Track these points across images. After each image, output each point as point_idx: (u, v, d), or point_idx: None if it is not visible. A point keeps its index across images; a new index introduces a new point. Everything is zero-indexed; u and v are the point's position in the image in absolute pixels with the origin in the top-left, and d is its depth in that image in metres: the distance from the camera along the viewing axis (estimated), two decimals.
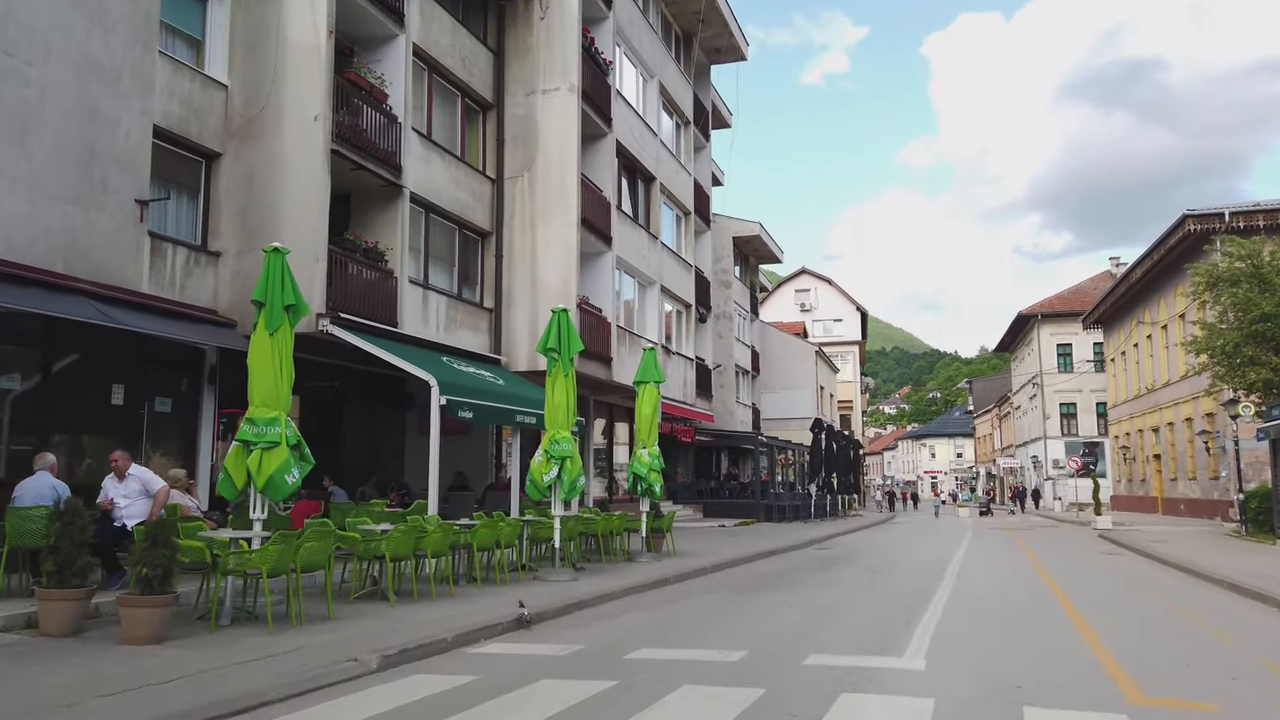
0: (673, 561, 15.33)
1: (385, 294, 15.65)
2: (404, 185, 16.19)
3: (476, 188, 18.86)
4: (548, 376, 12.79)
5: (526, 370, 18.84)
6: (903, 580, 13.72)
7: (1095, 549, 21.58)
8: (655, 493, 15.81)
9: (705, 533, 24.41)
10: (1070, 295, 60.28)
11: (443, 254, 18.19)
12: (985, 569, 16.10)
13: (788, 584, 13.06)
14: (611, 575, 12.99)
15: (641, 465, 15.71)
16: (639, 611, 10.17)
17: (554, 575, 12.29)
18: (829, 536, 25.27)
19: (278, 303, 9.54)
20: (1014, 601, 11.33)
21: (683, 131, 28.25)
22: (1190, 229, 33.28)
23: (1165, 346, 40.50)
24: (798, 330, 55.23)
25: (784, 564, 16.71)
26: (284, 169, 14.36)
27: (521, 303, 18.98)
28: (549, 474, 12.32)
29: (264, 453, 9.20)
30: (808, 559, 18.03)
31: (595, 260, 20.97)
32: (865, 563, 17.04)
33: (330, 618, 8.52)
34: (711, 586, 12.74)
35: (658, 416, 16.03)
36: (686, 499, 33.64)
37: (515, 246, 19.27)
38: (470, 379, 15.17)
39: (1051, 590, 12.46)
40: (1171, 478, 40.21)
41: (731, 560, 16.30)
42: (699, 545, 19.40)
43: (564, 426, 12.55)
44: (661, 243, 24.81)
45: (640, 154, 23.41)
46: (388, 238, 16.05)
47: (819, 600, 11.19)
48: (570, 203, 19.04)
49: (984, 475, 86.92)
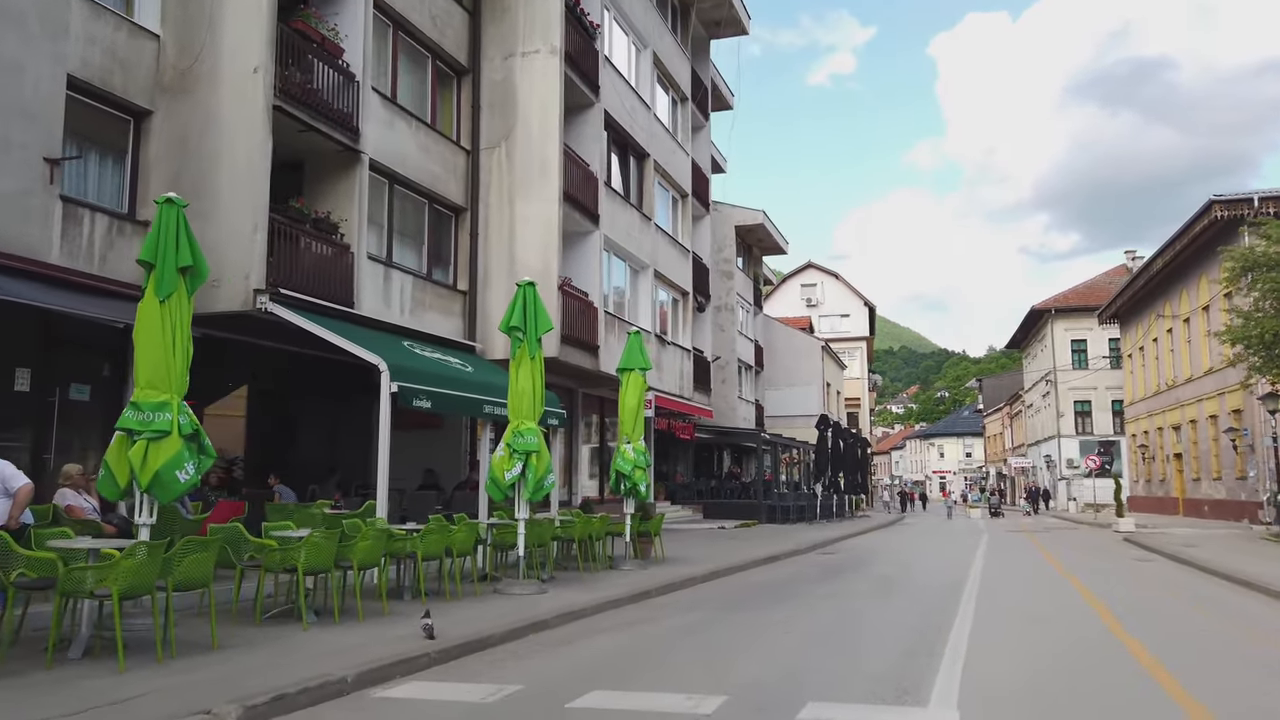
0: (659, 570, 13.69)
1: (340, 271, 14.04)
2: (362, 151, 14.58)
3: (449, 159, 17.24)
4: (511, 359, 11.16)
5: (504, 358, 17.14)
6: (918, 594, 12.05)
7: (1123, 555, 19.87)
8: (640, 493, 14.19)
9: (703, 535, 22.77)
10: (1085, 290, 58.46)
11: (410, 230, 16.58)
12: (1010, 579, 14.41)
13: (786, 598, 11.41)
14: (585, 587, 11.36)
15: (625, 462, 14.08)
16: (606, 635, 8.54)
17: (517, 587, 10.66)
18: (835, 540, 23.60)
19: (170, 264, 7.93)
20: (1051, 620, 9.66)
21: (679, 108, 26.56)
22: (1217, 215, 31.52)
23: (1187, 340, 38.71)
24: (803, 325, 53.50)
25: (785, 572, 15.06)
26: (220, 128, 12.78)
27: (498, 284, 17.35)
28: (511, 471, 10.69)
29: (150, 444, 7.61)
30: (811, 566, 16.38)
31: (581, 240, 19.33)
32: (875, 571, 15.38)
33: (214, 646, 6.90)
34: (699, 601, 11.09)
35: (644, 408, 14.39)
36: (685, 499, 32.06)
37: (492, 223, 17.64)
38: (432, 365, 13.56)
39: (1091, 606, 10.78)
40: (1194, 478, 38.41)
41: (726, 568, 14.66)
42: (693, 550, 17.75)
43: (529, 417, 10.92)
44: (655, 225, 23.15)
45: (632, 128, 21.76)
46: (344, 209, 14.45)
47: (822, 620, 9.53)
48: (551, 175, 17.40)
49: (994, 475, 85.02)
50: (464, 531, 10.42)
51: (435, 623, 7.88)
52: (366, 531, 8.60)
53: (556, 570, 13.22)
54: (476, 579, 10.95)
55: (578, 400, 21.84)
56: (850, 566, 16.24)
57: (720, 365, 37.06)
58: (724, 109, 33.66)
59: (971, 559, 18.23)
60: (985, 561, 17.53)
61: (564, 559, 14.03)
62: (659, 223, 23.61)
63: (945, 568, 16.30)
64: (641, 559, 14.91)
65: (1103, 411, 55.83)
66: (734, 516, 30.21)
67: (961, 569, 15.80)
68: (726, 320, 37.45)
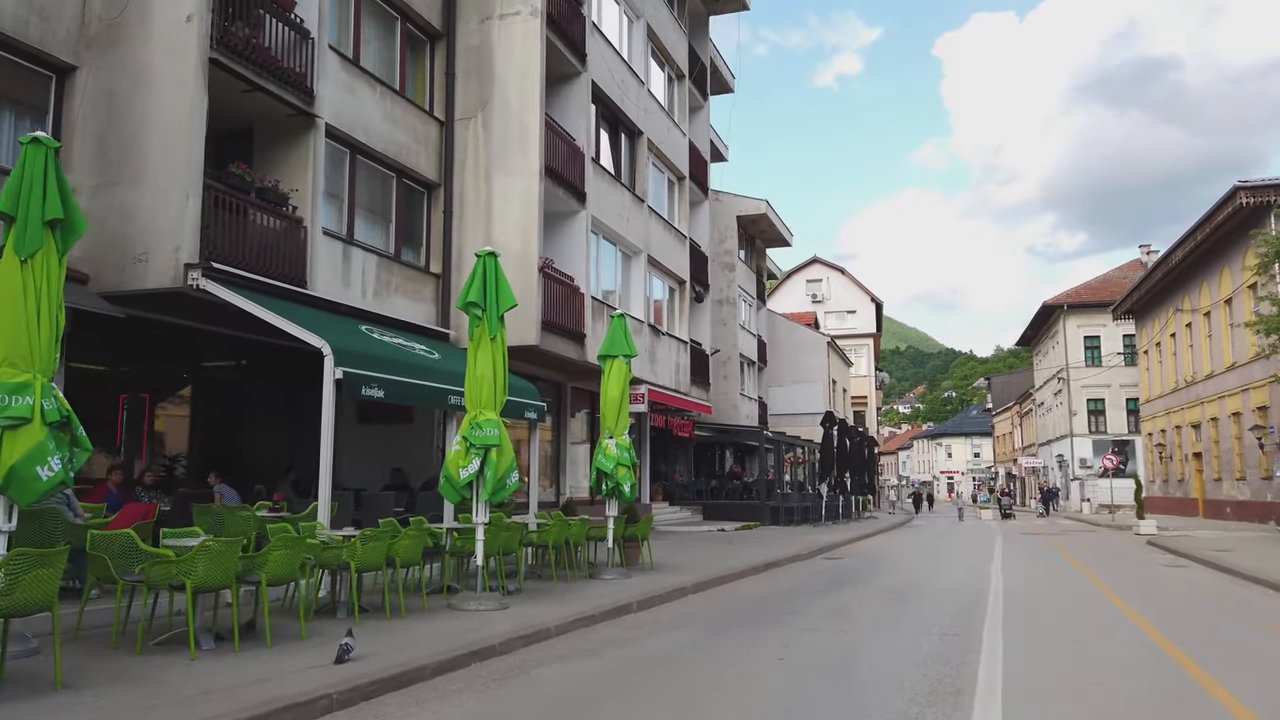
0: (644, 579, 12.28)
1: (291, 247, 12.65)
2: (317, 115, 13.20)
3: (420, 130, 15.84)
4: (470, 340, 9.74)
5: None
6: (935, 610, 10.60)
7: (1151, 560, 18.38)
8: (624, 493, 12.75)
9: (699, 539, 21.36)
10: (1098, 285, 56.89)
11: (376, 206, 15.18)
12: (1036, 591, 12.95)
13: (785, 615, 9.98)
14: (556, 601, 9.95)
15: (606, 459, 12.65)
16: (564, 665, 7.12)
17: (474, 602, 9.26)
18: (841, 543, 22.15)
19: (35, 216, 6.56)
20: (1099, 649, 8.20)
21: (676, 86, 25.11)
22: (1242, 202, 29.99)
23: (1208, 335, 37.16)
24: (808, 321, 52.00)
25: (784, 581, 13.63)
26: (150, 84, 11.40)
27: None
28: (467, 468, 9.28)
29: (5, 434, 6.26)
30: (814, 574, 14.94)
31: (566, 221, 17.92)
32: (884, 581, 13.93)
33: (58, 686, 5.51)
34: (684, 618, 9.67)
35: (628, 399, 12.97)
36: (685, 500, 30.70)
37: (467, 200, 16.24)
38: (390, 350, 12.15)
39: (1140, 627, 9.33)
40: (1215, 478, 36.85)
41: (720, 576, 13.24)
42: (686, 556, 16.34)
43: (489, 406, 9.51)
44: (649, 207, 21.71)
45: (623, 102, 20.32)
46: (297, 179, 13.07)
47: (824, 646, 8.10)
48: (532, 147, 15.99)
49: (1003, 475, 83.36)
50: (410, 538, 9.02)
51: (360, 648, 6.51)
52: (279, 539, 7.19)
53: (530, 580, 11.82)
54: (425, 593, 9.52)
55: (566, 394, 20.45)
56: (857, 575, 14.80)
57: (722, 361, 35.67)
58: (724, 92, 32.20)
59: (989, 566, 16.77)
60: (1005, 569, 16.07)
61: (538, 567, 12.64)
62: (653, 206, 22.18)
63: (962, 577, 14.85)
64: (626, 567, 13.51)
65: (1117, 410, 54.23)
66: (735, 518, 28.84)
67: (980, 578, 14.35)
68: (728, 314, 36.04)
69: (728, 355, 35.89)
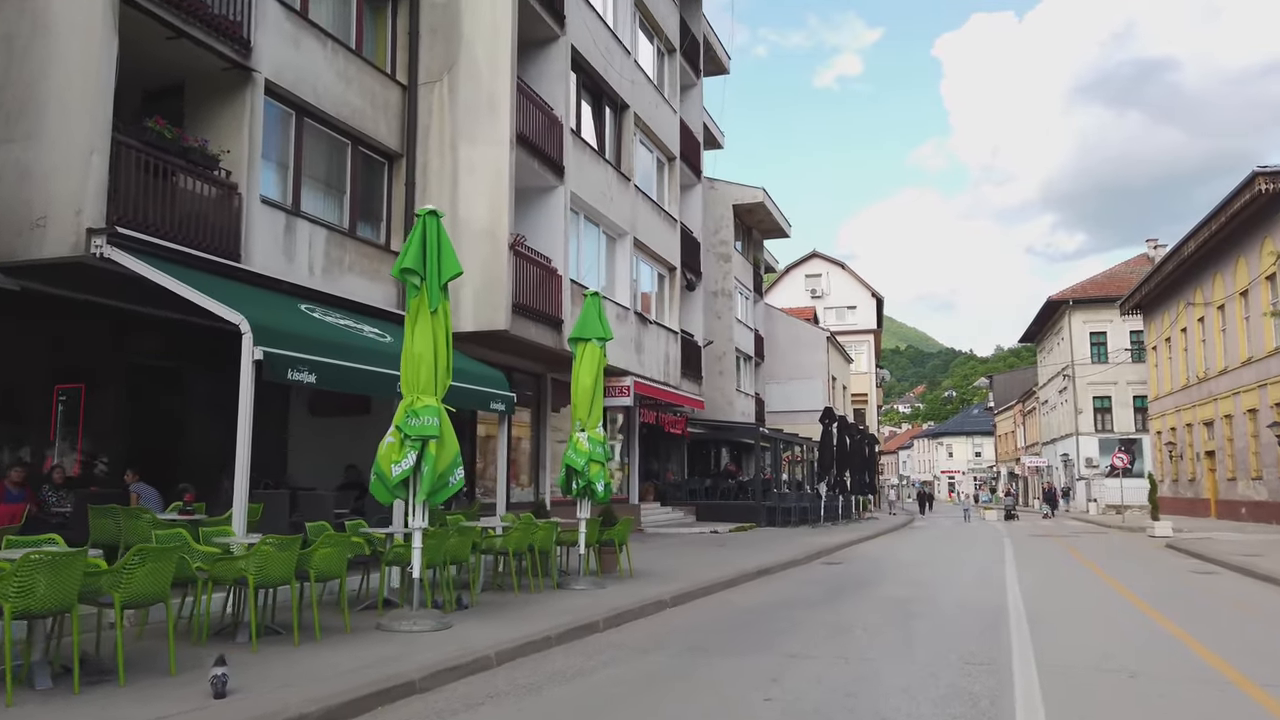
0: (620, 590, 10.87)
1: (222, 216, 11.23)
2: (255, 70, 11.77)
3: (379, 93, 14.42)
4: (406, 313, 8.32)
5: None
6: (950, 629, 9.19)
7: (1176, 566, 16.98)
8: (597, 493, 11.34)
9: (690, 542, 19.97)
10: (1104, 280, 55.51)
11: (328, 175, 13.76)
12: (1061, 602, 11.53)
13: (775, 634, 8.57)
14: (508, 619, 8.54)
15: (577, 455, 11.24)
16: (493, 707, 5.71)
17: (407, 621, 7.85)
18: (840, 546, 20.75)
19: None
20: (1151, 678, 6.79)
21: (666, 60, 23.66)
22: (1261, 189, 28.60)
23: (1221, 329, 35.78)
24: (808, 316, 50.58)
25: (778, 591, 12.21)
26: (52, 28, 9.98)
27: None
28: (401, 464, 7.87)
29: None
30: (812, 582, 13.53)
31: (542, 197, 16.51)
32: (889, 590, 12.52)
33: None
34: (656, 639, 8.25)
35: (601, 388, 11.56)
36: (677, 500, 29.33)
37: (431, 171, 14.82)
38: (329, 331, 10.72)
39: (1189, 647, 7.92)
40: (1229, 477, 35.44)
41: (706, 586, 11.83)
42: (672, 561, 14.94)
43: (428, 391, 8.09)
44: (636, 187, 20.28)
45: (607, 72, 18.88)
46: (231, 141, 11.65)
47: (820, 677, 6.69)
48: (502, 113, 14.57)
49: (1005, 475, 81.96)
50: (331, 546, 7.59)
51: (239, 679, 5.14)
52: (139, 550, 5.76)
53: (489, 593, 10.42)
54: (347, 611, 8.09)
55: (546, 386, 19.04)
56: (858, 583, 13.39)
57: (717, 355, 34.30)
58: (719, 73, 30.74)
59: (1003, 572, 15.36)
60: (1021, 576, 14.65)
61: (499, 576, 11.22)
62: (640, 186, 20.75)
63: (974, 585, 13.44)
64: (600, 575, 12.11)
65: (1124, 408, 52.82)
66: (730, 519, 27.48)
67: (995, 587, 12.94)
68: (723, 306, 34.67)
69: (723, 349, 34.50)
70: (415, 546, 8.10)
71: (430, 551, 8.68)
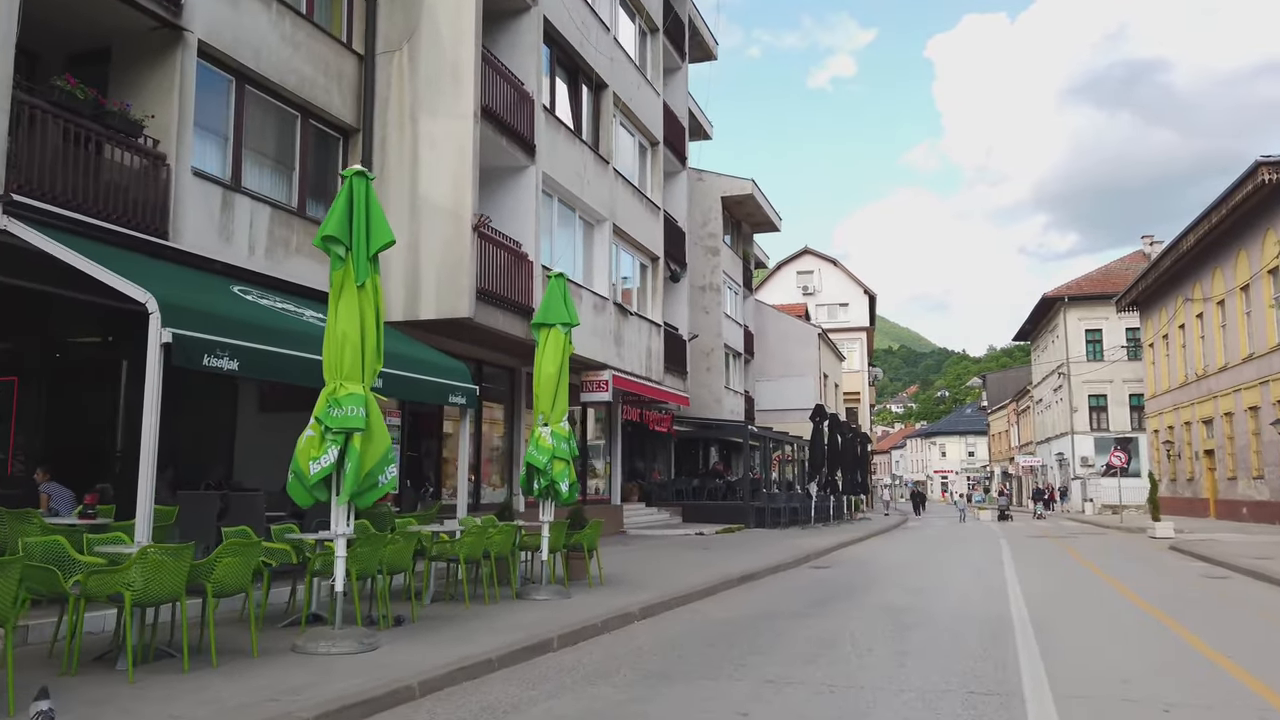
0: (585, 601, 9.85)
1: (146, 188, 10.17)
2: (186, 28, 10.72)
3: (333, 62, 13.36)
4: (330, 288, 7.27)
5: (402, 320, 13.38)
6: (950, 644, 8.19)
7: (1184, 570, 16.04)
8: (561, 493, 10.31)
9: (673, 544, 18.99)
10: (1099, 277, 54.72)
11: (276, 150, 12.71)
12: (1070, 612, 10.54)
13: (751, 653, 7.56)
14: (449, 638, 7.52)
15: (539, 452, 10.21)
16: None
17: (325, 643, 6.81)
18: (830, 548, 19.77)
19: None
20: (1190, 709, 5.80)
21: (649, 40, 22.63)
22: (1264, 179, 27.73)
23: (1221, 325, 34.94)
24: (799, 313, 49.60)
25: (760, 600, 11.20)
26: None
27: (396, 225, 13.47)
28: (320, 460, 6.83)
29: None
30: (798, 589, 12.53)
31: (512, 177, 15.47)
32: (881, 597, 11.52)
33: None
34: (614, 661, 7.24)
35: (566, 378, 10.53)
36: (663, 501, 28.34)
37: (390, 146, 13.77)
38: (259, 314, 9.66)
39: (1225, 669, 6.94)
40: (1229, 476, 34.60)
41: (682, 594, 10.82)
42: (650, 566, 13.95)
43: (353, 377, 7.06)
44: (616, 171, 19.24)
45: (583, 47, 17.84)
46: (160, 106, 10.60)
47: (800, 710, 5.68)
48: (465, 84, 13.53)
49: (999, 475, 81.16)
50: (235, 555, 6.55)
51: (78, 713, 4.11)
52: None
53: (438, 605, 9.41)
54: (255, 631, 7.03)
55: (520, 380, 18.00)
56: (849, 590, 12.39)
57: (705, 351, 33.34)
58: (705, 59, 29.72)
59: (1002, 577, 14.39)
60: (1022, 580, 13.68)
61: (448, 586, 10.19)
62: (621, 170, 19.72)
63: (973, 592, 12.46)
64: (570, 583, 11.09)
65: (1119, 406, 52.03)
66: (717, 520, 26.50)
67: (996, 595, 11.95)
68: (711, 301, 33.69)
69: (711, 345, 33.53)
70: (338, 555, 7.06)
71: (362, 560, 7.66)
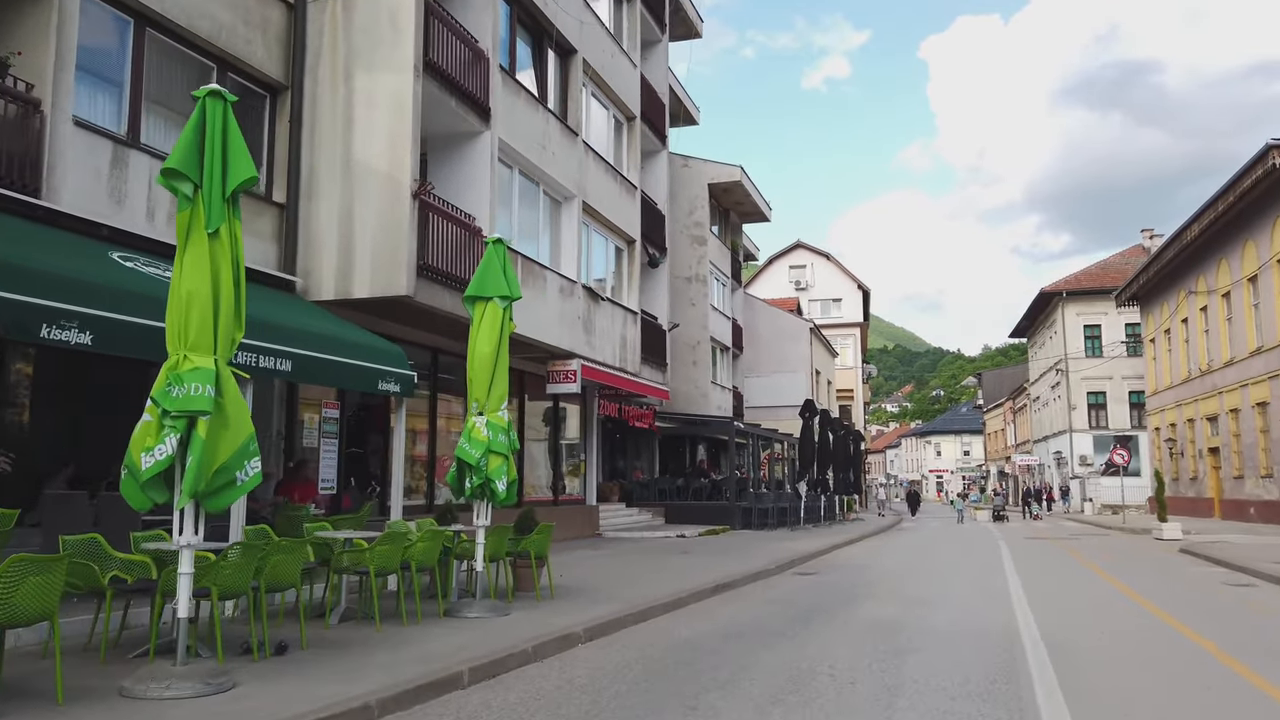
0: (523, 619, 8.41)
1: (15, 137, 8.72)
2: None
3: (255, 9, 11.88)
4: (177, 234, 5.82)
5: (334, 299, 11.94)
6: (951, 674, 6.78)
7: (1204, 576, 14.67)
8: (498, 493, 8.86)
9: (649, 548, 17.60)
10: (1098, 271, 53.47)
11: (188, 106, 11.23)
12: (1088, 630, 9.12)
13: (705, 689, 6.13)
14: (330, 672, 6.08)
15: (473, 445, 8.75)
16: None
17: (159, 685, 5.36)
18: (818, 552, 18.37)
19: None
20: None
21: (626, 7, 21.15)
22: (1275, 163, 26.39)
23: (1227, 318, 33.62)
24: (791, 308, 48.19)
25: (732, 614, 9.78)
26: None
27: (328, 193, 12.06)
28: (155, 452, 5.40)
29: None
30: (777, 600, 11.11)
31: (464, 144, 14.02)
32: (869, 611, 10.10)
33: None
34: (534, 701, 5.80)
35: (505, 358, 9.08)
36: (645, 501, 26.94)
37: (321, 105, 12.31)
38: (133, 281, 8.19)
39: None
40: (1235, 475, 33.28)
41: (642, 609, 9.39)
42: (612, 575, 12.52)
43: (201, 347, 5.62)
44: (586, 144, 17.79)
45: (547, 6, 16.36)
46: (35, 45, 9.15)
47: None
48: (405, 35, 12.08)
49: (995, 474, 79.87)
50: (40, 576, 5.09)
51: None
52: None
53: (350, 625, 7.97)
54: (60, 669, 5.57)
55: None
56: (833, 601, 10.97)
57: (691, 345, 31.96)
58: (689, 36, 28.27)
59: (1005, 585, 12.99)
60: (1027, 589, 12.27)
61: (362, 601, 8.74)
62: (592, 144, 18.27)
63: (975, 603, 11.05)
64: (511, 596, 9.66)
65: (1119, 403, 50.75)
66: (702, 522, 25.09)
67: (1000, 607, 10.54)
68: (698, 293, 32.28)
69: (697, 338, 32.12)
70: (182, 573, 5.61)
71: (230, 577, 6.22)
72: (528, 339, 14.96)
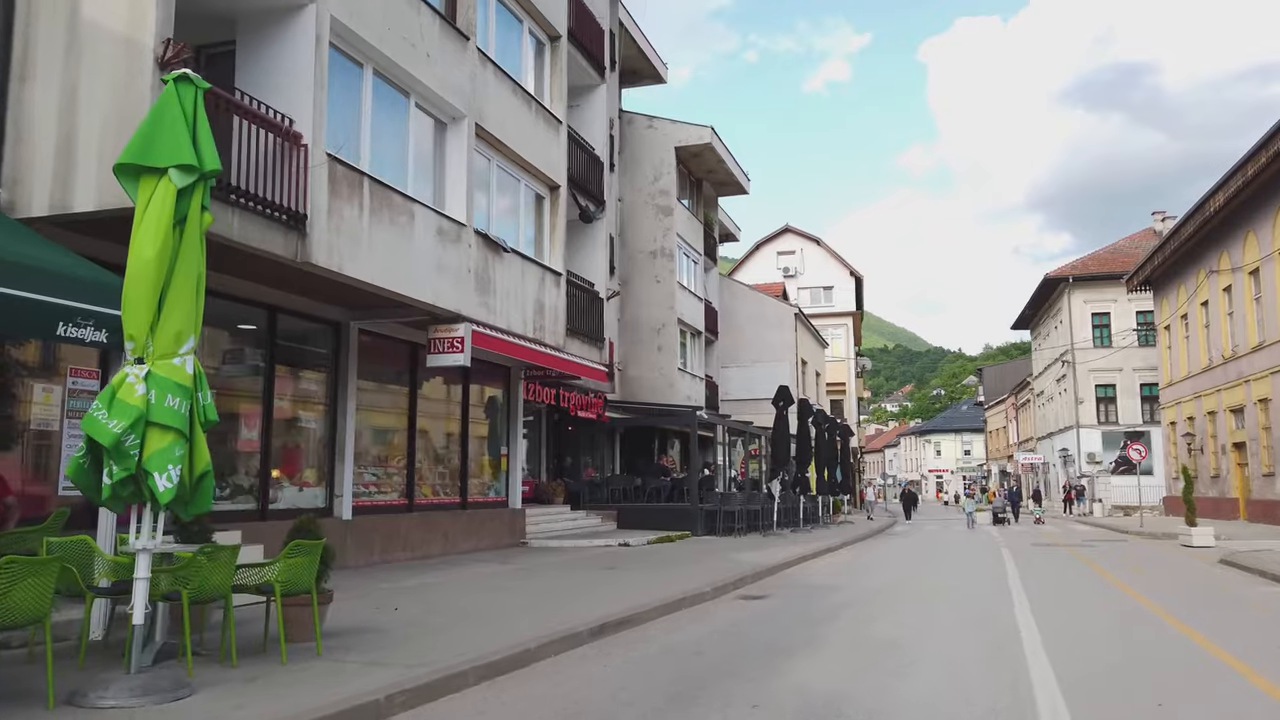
0: (207, 706, 4.83)
1: None
2: None
3: None
4: None
5: (52, 214, 8.37)
6: None
7: (1265, 598, 11.09)
8: (157, 492, 5.26)
9: (573, 561, 14.21)
10: (1107, 255, 49.92)
11: None
12: (1138, 688, 5.52)
13: None
14: None
15: (118, 413, 5.16)
16: None
17: None
18: (779, 566, 14.85)
19: None
20: None
21: None
22: None
23: (1255, 298, 30.05)
24: (777, 293, 44.58)
25: (590, 683, 6.18)
26: None
27: (48, 73, 8.47)
28: None
29: None
30: (683, 648, 7.52)
31: (276, 21, 10.40)
32: (803, 678, 6.50)
33: None
34: None
35: (193, 271, 5.48)
36: (597, 503, 23.45)
37: None
38: None
39: None
40: (1264, 473, 29.69)
41: (457, 672, 5.86)
42: (466, 607, 8.98)
43: None
44: (482, 53, 14.16)
45: None
46: None
47: None
48: None
49: (996, 473, 76.29)
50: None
51: None
52: None
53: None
54: None
55: (349, 339, 13.02)
56: (762, 651, 7.38)
57: (655, 328, 28.52)
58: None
59: (1012, 616, 9.41)
60: (1042, 625, 8.66)
61: None
62: (493, 57, 14.63)
63: (967, 652, 7.45)
64: (268, 647, 6.07)
65: (1129, 397, 47.25)
66: (658, 526, 21.62)
67: (1005, 660, 6.95)
68: (663, 269, 28.83)
69: (663, 320, 28.64)
70: None
71: None
72: (385, 291, 11.38)
